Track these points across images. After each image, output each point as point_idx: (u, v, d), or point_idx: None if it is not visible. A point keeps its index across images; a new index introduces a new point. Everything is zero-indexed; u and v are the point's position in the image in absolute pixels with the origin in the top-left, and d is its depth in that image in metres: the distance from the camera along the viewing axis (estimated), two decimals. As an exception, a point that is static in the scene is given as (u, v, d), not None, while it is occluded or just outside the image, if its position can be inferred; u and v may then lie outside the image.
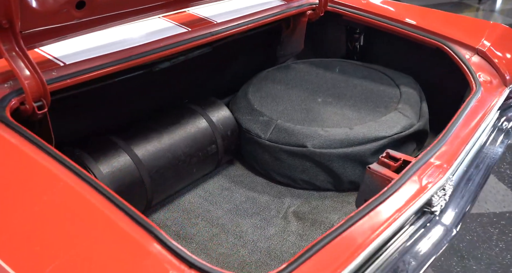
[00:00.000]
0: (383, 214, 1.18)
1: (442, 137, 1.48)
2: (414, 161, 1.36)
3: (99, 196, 0.95)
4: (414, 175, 1.31)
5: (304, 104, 2.05)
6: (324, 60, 2.46)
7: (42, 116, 1.25)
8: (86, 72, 1.34)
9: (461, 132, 1.54)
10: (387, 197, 1.22)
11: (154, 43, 1.55)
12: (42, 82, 1.17)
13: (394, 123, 1.87)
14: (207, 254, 1.64)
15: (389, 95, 2.09)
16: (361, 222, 1.14)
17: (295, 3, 2.18)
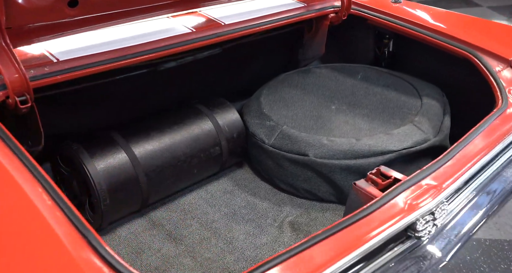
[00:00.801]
0: (353, 234, 1.10)
1: (445, 155, 1.36)
2: (404, 180, 1.26)
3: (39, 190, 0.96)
4: (399, 195, 1.21)
5: (316, 111, 1.97)
6: (348, 66, 2.36)
7: (29, 110, 1.30)
8: (78, 69, 1.37)
9: (471, 151, 1.41)
10: (363, 216, 1.14)
11: (153, 43, 1.55)
12: (25, 78, 1.20)
13: (406, 137, 1.75)
14: (193, 257, 1.63)
15: (408, 106, 1.96)
16: (326, 242, 1.07)
17: (316, 6, 2.10)
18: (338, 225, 1.11)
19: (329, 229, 1.09)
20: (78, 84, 1.57)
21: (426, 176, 1.28)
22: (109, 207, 1.62)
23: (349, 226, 1.12)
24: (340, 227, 1.10)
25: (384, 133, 1.77)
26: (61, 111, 1.70)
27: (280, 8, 2.00)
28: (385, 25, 2.11)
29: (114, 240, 1.71)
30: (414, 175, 1.29)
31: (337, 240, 1.07)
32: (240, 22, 1.79)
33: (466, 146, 1.41)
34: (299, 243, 1.04)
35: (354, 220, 1.13)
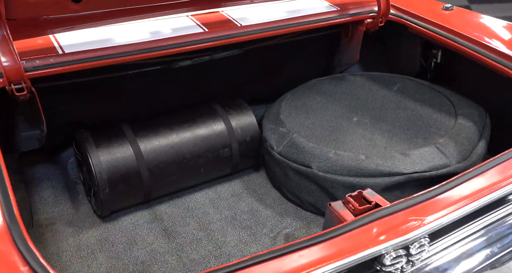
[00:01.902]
0: (304, 259, 1.02)
1: (444, 184, 1.21)
2: (384, 207, 1.14)
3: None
4: (372, 223, 1.10)
5: (335, 122, 1.87)
6: (387, 76, 2.20)
7: (28, 98, 1.38)
8: (81, 62, 1.43)
9: (478, 185, 1.23)
10: (321, 241, 1.05)
11: (159, 41, 1.57)
12: (21, 68, 1.28)
13: (422, 160, 1.58)
14: (179, 257, 1.63)
15: (438, 125, 1.77)
16: (268, 263, 1.00)
17: (351, 10, 1.98)
18: (289, 246, 1.03)
19: (276, 250, 1.02)
20: (91, 76, 1.64)
21: (411, 206, 1.15)
22: (109, 197, 1.68)
23: (302, 249, 1.04)
24: (290, 249, 1.03)
25: (399, 153, 1.62)
26: (80, 101, 1.80)
27: (310, 11, 1.92)
28: (426, 34, 1.92)
29: (114, 228, 1.77)
30: (398, 202, 1.16)
31: (282, 262, 1.00)
32: (259, 24, 1.74)
33: (474, 178, 1.24)
34: (237, 261, 0.98)
35: (310, 243, 1.04)
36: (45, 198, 1.91)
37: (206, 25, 1.69)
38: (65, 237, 1.74)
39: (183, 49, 1.58)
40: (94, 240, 1.72)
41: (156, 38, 1.56)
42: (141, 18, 1.61)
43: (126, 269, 1.59)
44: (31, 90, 1.39)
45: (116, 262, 1.61)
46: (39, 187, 1.94)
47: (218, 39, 1.63)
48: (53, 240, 1.73)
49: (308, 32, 2.00)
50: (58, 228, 1.79)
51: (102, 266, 1.60)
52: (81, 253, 1.66)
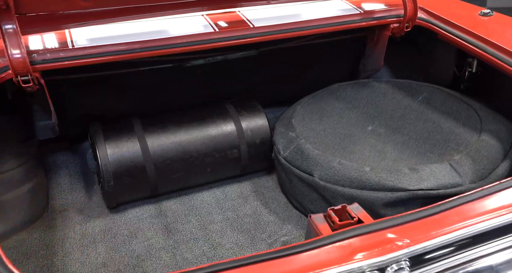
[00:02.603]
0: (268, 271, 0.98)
1: (438, 205, 1.12)
2: (366, 224, 1.08)
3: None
4: (348, 240, 1.04)
5: (348, 129, 1.79)
6: (413, 84, 2.08)
7: (36, 89, 1.45)
8: (89, 57, 1.47)
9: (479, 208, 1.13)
10: (287, 254, 1.01)
11: (166, 39, 1.57)
12: (27, 61, 1.35)
13: (430, 177, 1.47)
14: (173, 254, 1.64)
15: (458, 141, 1.65)
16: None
17: (376, 14, 1.88)
18: (253, 257, 1.00)
19: (239, 260, 0.99)
20: (106, 71, 1.69)
21: (397, 225, 1.07)
22: (113, 189, 1.73)
23: (265, 261, 1.00)
24: (253, 260, 1.00)
25: (407, 168, 1.52)
26: (96, 94, 1.86)
27: (331, 13, 1.85)
28: (457, 43, 1.79)
29: (119, 220, 1.82)
30: (383, 220, 1.09)
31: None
32: (272, 26, 1.70)
33: (477, 200, 1.14)
34: (201, 267, 0.97)
35: (275, 256, 1.01)
36: (62, 185, 2.00)
37: (218, 25, 1.68)
38: (73, 224, 1.81)
39: (190, 48, 1.58)
40: (99, 229, 1.77)
41: (164, 37, 1.58)
42: (154, 16, 1.63)
43: (121, 261, 1.62)
44: (39, 82, 1.45)
45: (113, 254, 1.66)
46: (57, 174, 2.03)
47: (227, 40, 1.62)
48: (62, 226, 1.81)
49: (330, 35, 1.93)
50: (69, 215, 1.87)
51: (100, 256, 1.65)
52: (84, 241, 1.72)
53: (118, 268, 1.59)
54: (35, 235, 1.75)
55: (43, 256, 1.65)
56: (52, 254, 1.66)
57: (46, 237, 1.74)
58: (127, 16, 1.55)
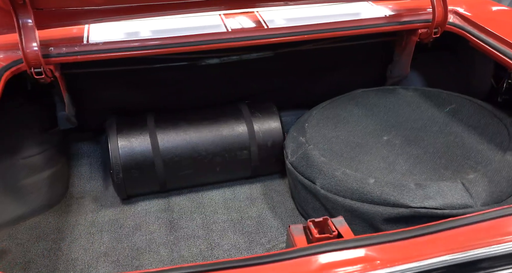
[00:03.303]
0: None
1: (432, 225, 1.04)
2: (344, 239, 1.03)
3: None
4: (320, 254, 0.99)
5: (362, 138, 1.71)
6: (443, 93, 1.95)
7: (49, 81, 1.52)
8: (97, 52, 1.52)
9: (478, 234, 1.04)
10: (253, 264, 0.98)
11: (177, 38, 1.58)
12: (40, 54, 1.41)
13: (436, 195, 1.37)
14: (171, 250, 1.66)
15: (478, 158, 1.52)
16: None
17: (403, 18, 1.78)
18: (220, 263, 0.98)
19: (205, 265, 0.98)
20: (123, 66, 1.74)
21: (377, 244, 1.01)
22: (122, 181, 1.78)
23: (230, 269, 0.98)
24: (218, 267, 0.98)
25: (414, 183, 1.43)
26: (114, 88, 1.92)
27: (353, 17, 1.77)
28: (491, 54, 1.64)
29: (128, 211, 1.86)
30: (364, 236, 1.03)
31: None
32: (288, 27, 1.66)
33: (475, 224, 1.05)
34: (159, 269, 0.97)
35: (242, 264, 0.98)
36: (82, 174, 2.08)
37: (232, 25, 1.67)
38: (86, 212, 1.88)
39: (200, 47, 1.58)
40: (108, 219, 1.83)
41: (174, 35, 1.59)
42: (170, 14, 1.64)
43: (121, 252, 1.66)
44: (53, 74, 1.52)
45: (116, 244, 1.70)
46: (79, 162, 2.12)
47: (238, 40, 1.60)
48: (76, 212, 1.89)
49: (354, 38, 1.85)
50: (84, 202, 1.95)
51: (103, 245, 1.70)
52: (92, 229, 1.78)
53: (117, 259, 1.64)
54: (50, 219, 1.84)
55: (52, 239, 1.73)
56: (60, 239, 1.73)
57: (59, 222, 1.82)
58: (143, 14, 1.58)
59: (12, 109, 1.81)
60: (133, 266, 1.60)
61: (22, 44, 1.39)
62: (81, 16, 1.51)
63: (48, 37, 1.52)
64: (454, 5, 1.87)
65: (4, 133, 1.80)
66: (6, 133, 1.81)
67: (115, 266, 1.60)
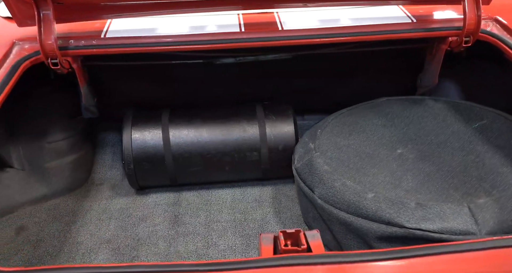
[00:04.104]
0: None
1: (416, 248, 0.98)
2: (308, 254, 0.99)
3: None
4: (278, 267, 0.96)
5: (374, 149, 1.63)
6: (476, 107, 1.79)
7: (66, 72, 1.60)
8: (112, 47, 1.57)
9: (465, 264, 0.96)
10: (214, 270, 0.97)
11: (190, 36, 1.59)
12: (56, 46, 1.49)
13: (436, 217, 1.27)
14: (168, 245, 1.68)
15: (496, 182, 1.39)
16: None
17: (431, 24, 1.66)
18: (175, 265, 0.99)
19: (164, 265, 0.98)
20: (140, 61, 1.79)
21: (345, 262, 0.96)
22: (133, 172, 1.83)
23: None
24: (173, 269, 0.98)
25: (416, 202, 1.33)
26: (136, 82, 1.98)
27: (377, 21, 1.68)
28: None
29: (139, 202, 1.92)
30: (334, 253, 0.99)
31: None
32: (303, 30, 1.61)
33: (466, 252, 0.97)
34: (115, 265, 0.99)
35: (199, 269, 0.97)
36: (105, 161, 2.18)
37: (247, 25, 1.65)
38: (101, 199, 1.96)
39: (210, 46, 1.58)
40: (118, 207, 1.90)
41: (187, 33, 1.60)
42: (189, 12, 1.66)
43: (124, 241, 1.72)
44: (71, 66, 1.60)
45: (120, 232, 1.76)
46: (104, 150, 2.22)
47: (248, 41, 1.57)
48: (92, 198, 1.98)
49: (377, 44, 1.76)
50: (102, 189, 2.03)
51: (109, 232, 1.76)
52: (102, 216, 1.86)
53: (118, 247, 1.69)
54: (69, 202, 1.95)
55: (65, 222, 1.83)
56: (72, 222, 1.82)
57: (76, 205, 1.92)
58: (162, 11, 1.61)
59: (41, 97, 1.93)
60: (130, 256, 1.64)
61: (41, 35, 1.47)
62: (100, 11, 1.56)
63: (68, 30, 1.60)
64: (496, 12, 1.72)
65: (34, 119, 1.93)
66: (35, 119, 1.93)
67: (113, 254, 1.65)
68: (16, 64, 1.47)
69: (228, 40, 1.58)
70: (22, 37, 1.60)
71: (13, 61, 1.49)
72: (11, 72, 1.43)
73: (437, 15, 1.68)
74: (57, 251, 1.68)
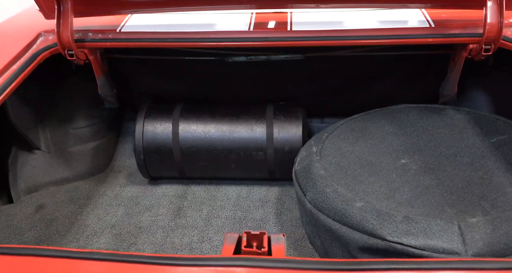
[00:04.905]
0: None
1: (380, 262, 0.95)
2: (265, 257, 0.99)
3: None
4: (231, 267, 0.96)
5: (378, 157, 1.57)
6: (499, 121, 1.67)
7: (83, 63, 1.69)
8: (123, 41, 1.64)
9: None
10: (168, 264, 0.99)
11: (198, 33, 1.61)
12: (72, 38, 1.58)
13: (420, 232, 1.20)
14: (166, 236, 1.73)
15: (498, 201, 1.29)
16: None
17: (449, 30, 1.56)
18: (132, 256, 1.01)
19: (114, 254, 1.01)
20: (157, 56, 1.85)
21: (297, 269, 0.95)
22: (143, 162, 1.90)
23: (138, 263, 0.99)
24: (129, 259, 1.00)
25: (403, 215, 1.27)
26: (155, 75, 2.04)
27: (391, 24, 1.62)
28: None
29: (149, 191, 1.99)
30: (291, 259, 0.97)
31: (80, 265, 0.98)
32: (311, 31, 1.58)
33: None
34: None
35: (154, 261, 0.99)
36: (126, 150, 2.28)
37: (257, 25, 1.65)
38: (115, 185, 2.06)
39: (217, 44, 1.60)
40: (129, 195, 1.98)
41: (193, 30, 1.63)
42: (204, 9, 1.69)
43: (126, 227, 1.79)
44: (88, 58, 1.69)
45: (125, 219, 1.84)
46: (126, 139, 2.32)
47: (254, 40, 1.57)
48: (108, 183, 2.08)
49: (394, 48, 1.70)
50: (119, 176, 2.13)
51: (115, 218, 1.85)
52: (113, 201, 1.95)
53: (120, 233, 1.76)
54: (87, 186, 2.06)
55: (79, 204, 1.94)
56: (85, 205, 1.93)
57: (92, 190, 2.03)
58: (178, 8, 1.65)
59: (69, 86, 2.06)
60: (128, 243, 1.71)
61: (59, 28, 1.57)
62: (117, 7, 1.63)
63: (89, 24, 1.69)
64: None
65: (61, 106, 2.06)
66: (62, 107, 2.07)
67: (114, 239, 1.73)
68: (36, 53, 1.58)
69: (234, 39, 1.59)
70: (47, 29, 1.71)
71: (34, 50, 1.60)
72: (30, 60, 1.54)
73: (457, 21, 1.59)
74: (66, 231, 1.79)
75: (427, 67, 1.88)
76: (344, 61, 1.87)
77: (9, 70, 1.48)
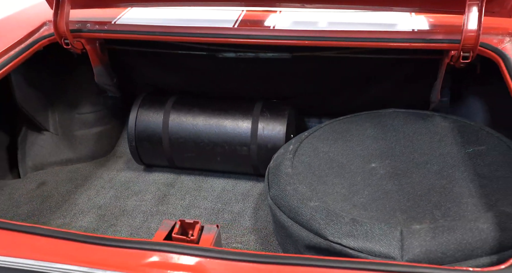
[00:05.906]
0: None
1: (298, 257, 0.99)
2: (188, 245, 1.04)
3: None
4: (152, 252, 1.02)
5: (350, 160, 1.57)
6: (483, 131, 1.62)
7: (80, 53, 1.81)
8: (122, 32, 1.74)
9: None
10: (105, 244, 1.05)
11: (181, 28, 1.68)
12: (67, 28, 1.70)
13: (360, 235, 1.21)
14: (145, 220, 1.82)
15: (451, 212, 1.27)
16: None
17: (430, 35, 1.53)
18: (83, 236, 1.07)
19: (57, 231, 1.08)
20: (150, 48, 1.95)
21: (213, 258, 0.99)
22: (135, 149, 2.01)
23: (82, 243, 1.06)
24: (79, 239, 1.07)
25: (351, 217, 1.28)
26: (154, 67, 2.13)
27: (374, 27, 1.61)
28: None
29: (141, 177, 2.10)
30: (210, 248, 1.03)
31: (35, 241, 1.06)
32: (291, 30, 1.61)
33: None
34: None
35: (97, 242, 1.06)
36: (129, 137, 2.39)
37: (242, 22, 1.70)
38: (113, 170, 2.18)
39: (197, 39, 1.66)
40: (123, 180, 2.09)
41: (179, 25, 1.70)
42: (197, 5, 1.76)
43: (111, 210, 1.90)
44: (84, 47, 1.81)
45: (113, 201, 1.95)
46: (131, 127, 2.43)
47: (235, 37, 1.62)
48: (107, 168, 2.20)
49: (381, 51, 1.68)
50: (119, 161, 2.25)
51: (103, 200, 1.96)
52: (106, 184, 2.07)
53: (104, 214, 1.88)
54: (88, 168, 2.20)
55: (76, 184, 2.07)
56: (80, 186, 2.06)
57: (91, 172, 2.16)
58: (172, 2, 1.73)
59: (77, 74, 2.20)
60: (109, 224, 1.81)
61: (56, 17, 1.70)
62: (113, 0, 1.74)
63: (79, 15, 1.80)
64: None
65: (69, 92, 2.21)
66: (70, 92, 2.21)
67: (97, 219, 1.84)
68: (36, 40, 1.72)
69: (218, 35, 1.64)
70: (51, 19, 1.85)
71: (35, 37, 1.74)
72: (28, 46, 1.68)
73: (442, 26, 1.55)
74: (57, 207, 1.92)
75: (424, 71, 1.85)
76: (333, 62, 1.88)
77: (8, 54, 1.61)
